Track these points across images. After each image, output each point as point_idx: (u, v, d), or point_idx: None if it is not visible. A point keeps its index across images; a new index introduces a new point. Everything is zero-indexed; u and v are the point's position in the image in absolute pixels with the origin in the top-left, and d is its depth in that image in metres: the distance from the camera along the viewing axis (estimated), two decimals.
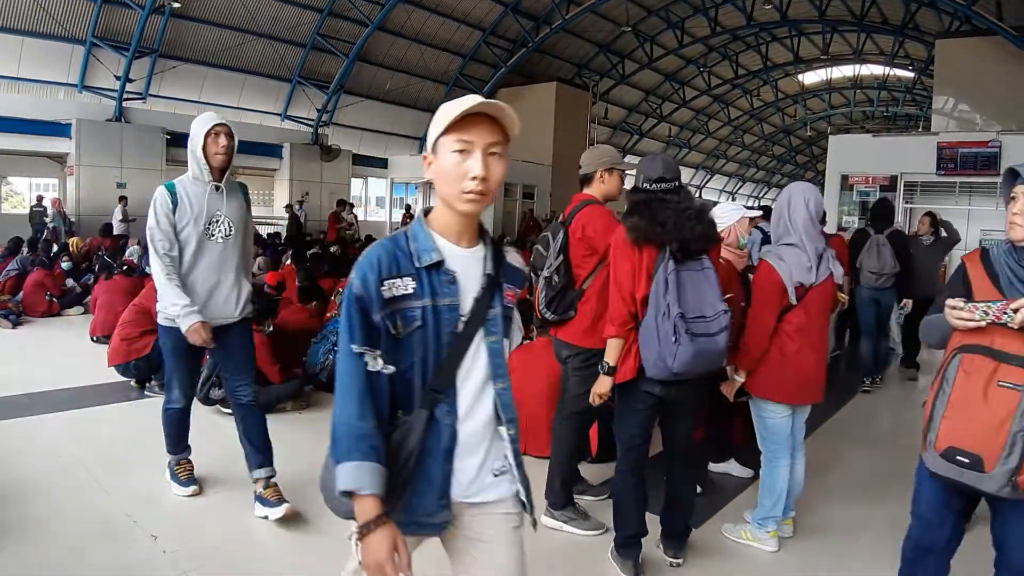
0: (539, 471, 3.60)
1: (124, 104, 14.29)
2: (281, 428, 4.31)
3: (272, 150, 17.07)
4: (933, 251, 6.20)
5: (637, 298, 2.42)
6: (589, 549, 2.87)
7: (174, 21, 14.26)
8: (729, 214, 3.32)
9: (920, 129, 22.48)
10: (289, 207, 15.70)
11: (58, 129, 13.46)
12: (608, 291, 2.86)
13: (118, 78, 13.99)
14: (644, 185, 2.52)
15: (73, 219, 13.37)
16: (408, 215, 17.58)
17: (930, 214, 6.44)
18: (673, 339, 2.29)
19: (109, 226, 11.46)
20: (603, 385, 2.56)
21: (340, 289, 6.28)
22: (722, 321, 2.39)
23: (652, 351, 2.36)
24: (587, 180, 3.02)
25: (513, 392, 4.05)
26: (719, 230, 3.73)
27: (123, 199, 13.21)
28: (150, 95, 14.96)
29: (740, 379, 2.80)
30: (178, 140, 14.91)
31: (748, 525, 2.95)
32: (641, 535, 2.63)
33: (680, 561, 2.72)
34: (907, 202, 12.04)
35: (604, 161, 2.99)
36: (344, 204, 15.57)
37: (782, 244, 2.75)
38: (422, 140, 20.93)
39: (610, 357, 2.51)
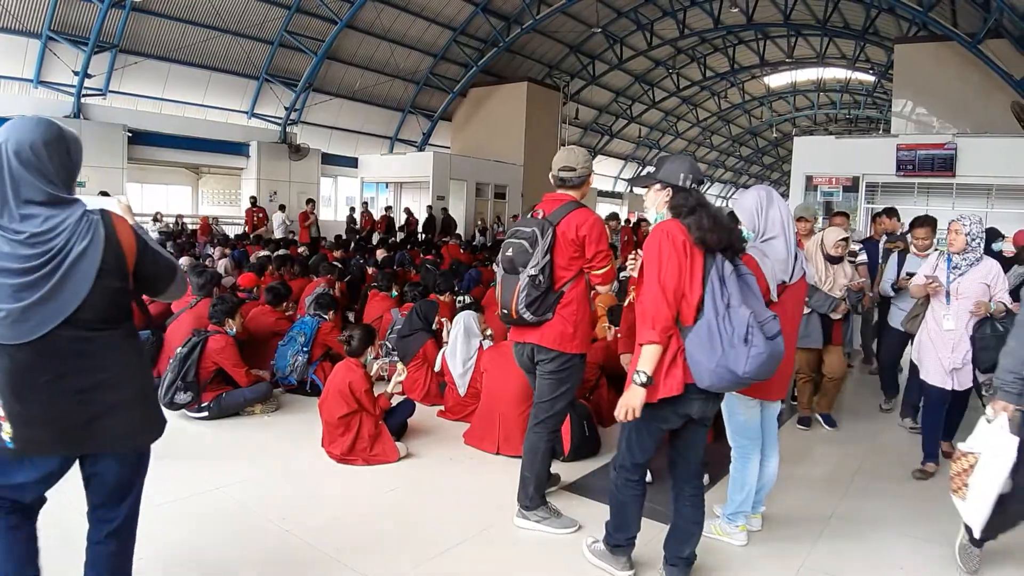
0: (513, 470, 3.61)
1: (83, 100, 13.84)
2: (250, 432, 4.25)
3: (239, 148, 16.72)
4: None
5: (692, 301, 2.24)
6: (563, 547, 2.88)
7: (135, 15, 13.87)
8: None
9: (880, 131, 23.15)
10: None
11: None
12: (586, 297, 2.83)
13: (76, 73, 13.55)
14: (692, 186, 2.42)
15: None
16: (363, 213, 17.06)
17: None
18: (744, 340, 2.13)
19: None
20: (637, 398, 2.25)
21: (316, 290, 6.17)
22: (775, 325, 2.24)
23: (710, 358, 2.17)
24: (579, 183, 2.96)
25: (484, 393, 4.04)
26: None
27: (282, 207, 15.25)
28: (110, 91, 14.52)
29: None
30: (139, 138, 14.57)
31: (718, 520, 3.00)
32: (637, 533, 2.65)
33: None
34: (868, 202, 12.36)
35: (591, 167, 2.99)
36: (311, 203, 15.35)
37: (764, 240, 2.77)
38: (392, 139, 20.76)
39: (648, 366, 2.22)
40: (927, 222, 4.94)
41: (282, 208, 15.29)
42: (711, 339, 2.17)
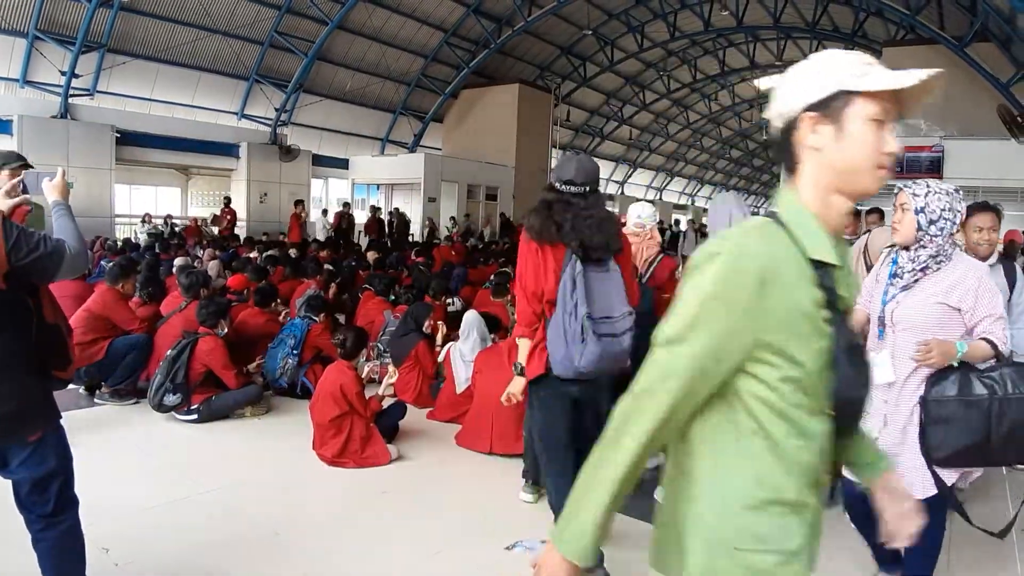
0: (507, 468, 3.61)
1: (70, 100, 13.70)
2: (241, 435, 4.22)
3: (228, 149, 16.61)
4: None
5: (546, 296, 2.46)
6: None
7: (123, 14, 13.76)
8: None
9: None
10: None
11: None
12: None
13: (63, 73, 13.42)
14: (556, 185, 2.58)
15: None
16: (375, 218, 16.95)
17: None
18: (581, 339, 2.36)
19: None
20: (517, 385, 2.65)
21: (308, 292, 6.14)
22: (627, 322, 2.48)
23: (559, 350, 2.41)
24: None
25: (477, 393, 3.98)
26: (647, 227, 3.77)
27: (325, 211, 15.27)
28: (98, 91, 14.39)
29: None
30: (128, 139, 14.45)
31: None
32: None
33: None
34: (858, 204, 12.49)
35: None
36: (300, 204, 15.25)
37: None
38: (383, 141, 20.72)
39: (521, 357, 2.59)
40: (985, 208, 2.80)
41: (324, 212, 15.58)
42: (558, 333, 2.41)
